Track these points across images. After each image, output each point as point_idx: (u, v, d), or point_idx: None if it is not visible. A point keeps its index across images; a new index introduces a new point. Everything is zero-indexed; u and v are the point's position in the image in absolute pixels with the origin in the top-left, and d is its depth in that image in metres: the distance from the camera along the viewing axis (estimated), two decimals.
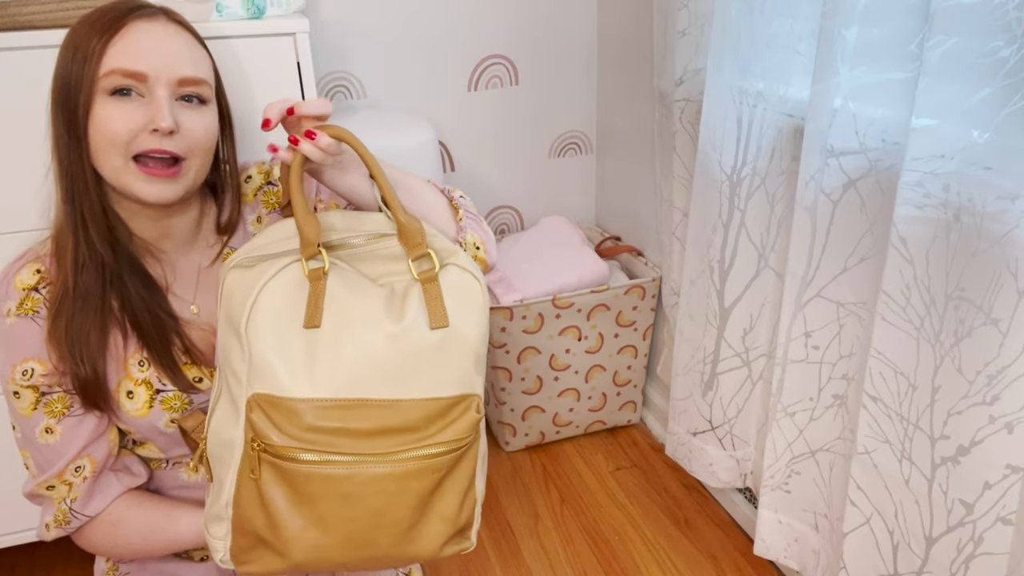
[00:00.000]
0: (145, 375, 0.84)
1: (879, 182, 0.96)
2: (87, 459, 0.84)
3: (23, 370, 0.80)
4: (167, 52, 0.77)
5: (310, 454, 0.68)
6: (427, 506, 0.73)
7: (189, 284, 0.88)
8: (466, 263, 0.76)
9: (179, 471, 0.92)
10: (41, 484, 0.84)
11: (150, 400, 0.84)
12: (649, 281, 1.64)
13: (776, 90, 1.12)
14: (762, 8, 1.10)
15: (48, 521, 0.86)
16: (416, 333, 0.71)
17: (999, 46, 0.75)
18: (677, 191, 1.43)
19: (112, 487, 0.87)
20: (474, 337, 0.73)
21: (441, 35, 1.70)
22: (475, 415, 0.73)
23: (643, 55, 1.62)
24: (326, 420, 0.68)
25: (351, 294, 0.71)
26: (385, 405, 0.70)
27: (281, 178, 0.93)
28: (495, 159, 1.87)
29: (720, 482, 1.43)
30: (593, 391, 1.73)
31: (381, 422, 0.69)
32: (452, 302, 0.73)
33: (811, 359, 1.12)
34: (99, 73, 0.74)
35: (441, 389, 0.72)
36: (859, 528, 1.03)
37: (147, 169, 0.76)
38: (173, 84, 0.77)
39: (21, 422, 0.83)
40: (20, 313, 0.80)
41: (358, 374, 0.69)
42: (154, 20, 0.78)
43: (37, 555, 1.49)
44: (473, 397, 0.74)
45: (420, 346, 0.70)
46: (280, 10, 1.13)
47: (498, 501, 1.61)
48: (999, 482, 0.84)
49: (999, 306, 0.80)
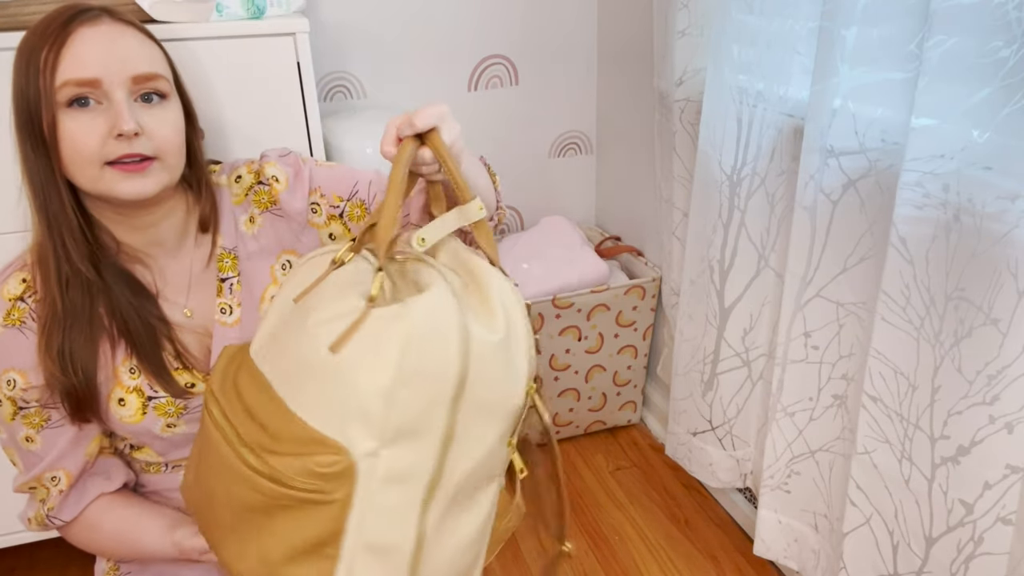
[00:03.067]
0: (136, 382, 0.84)
1: (879, 182, 0.96)
2: (62, 471, 0.85)
3: (7, 380, 0.80)
4: (116, 53, 0.75)
5: (215, 407, 0.69)
6: (249, 524, 0.64)
7: (181, 287, 0.88)
8: (421, 310, 0.62)
9: (179, 475, 0.91)
10: (25, 484, 0.86)
11: (143, 407, 0.84)
12: (649, 281, 1.64)
13: (776, 90, 1.12)
14: (762, 8, 1.10)
15: (30, 516, 0.89)
16: (314, 340, 0.62)
17: (999, 46, 0.75)
18: (677, 191, 1.43)
19: (87, 492, 0.88)
20: (358, 382, 0.60)
21: (441, 35, 1.70)
22: (315, 466, 0.60)
23: (643, 55, 1.62)
24: (239, 374, 0.69)
25: (331, 283, 0.66)
26: (274, 398, 0.64)
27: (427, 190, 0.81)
28: (495, 159, 1.87)
29: (720, 482, 1.43)
30: (593, 391, 1.73)
31: (260, 407, 0.64)
32: (366, 337, 0.61)
33: (811, 359, 1.12)
34: (54, 87, 0.73)
35: (313, 416, 0.61)
36: (859, 528, 1.03)
37: (121, 167, 0.75)
38: (128, 84, 0.75)
39: (5, 426, 0.84)
40: (7, 324, 0.80)
41: (276, 355, 0.66)
42: (98, 23, 0.76)
43: (37, 555, 1.49)
44: (336, 449, 0.60)
45: (314, 357, 0.61)
46: (280, 10, 1.13)
47: None
48: (999, 482, 0.84)
49: (999, 306, 0.80)
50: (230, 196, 0.91)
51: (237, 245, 0.90)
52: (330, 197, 0.92)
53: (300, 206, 0.91)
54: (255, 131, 1.12)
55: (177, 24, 1.04)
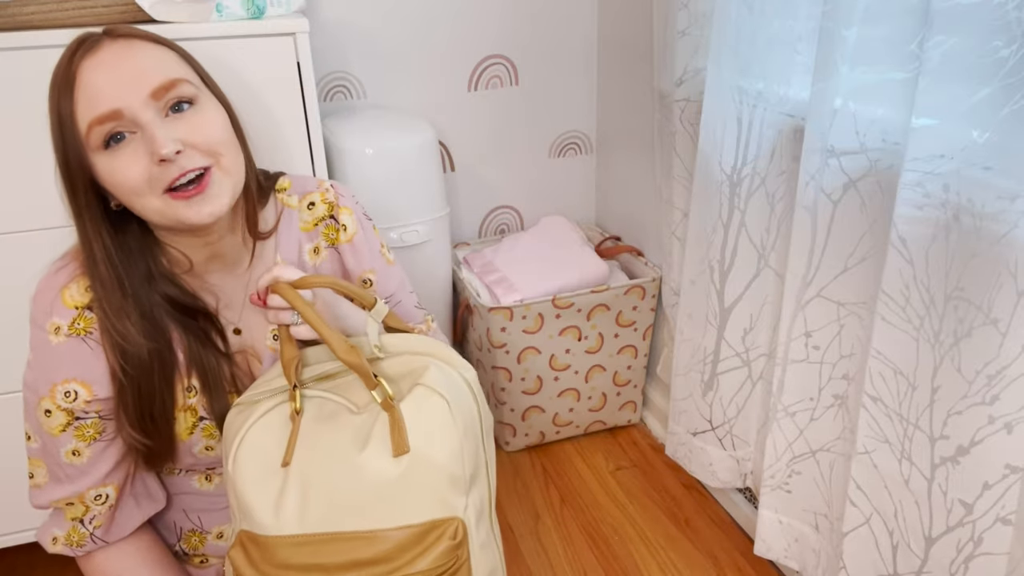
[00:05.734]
0: (192, 401, 0.82)
1: (879, 182, 0.96)
2: (112, 487, 0.82)
3: (65, 391, 0.77)
4: (125, 75, 0.69)
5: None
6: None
7: (235, 305, 0.86)
8: (435, 382, 0.73)
9: (192, 478, 0.91)
10: (61, 500, 0.81)
11: (192, 427, 0.82)
12: (649, 281, 1.64)
13: (776, 90, 1.12)
14: (762, 8, 1.10)
15: (58, 535, 0.83)
16: (377, 463, 0.69)
17: (999, 46, 0.75)
18: (677, 191, 1.43)
19: (133, 514, 0.85)
20: (441, 460, 0.70)
21: (441, 35, 1.70)
22: (449, 542, 0.69)
23: (643, 55, 1.62)
24: (298, 556, 0.67)
25: (324, 427, 0.71)
26: (356, 537, 0.68)
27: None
28: (495, 159, 1.87)
29: (720, 482, 1.43)
30: (593, 391, 1.73)
31: (353, 555, 0.68)
32: (416, 425, 0.70)
33: (811, 359, 1.12)
34: (81, 135, 0.69)
35: (411, 516, 0.69)
36: (859, 528, 1.03)
37: (182, 193, 0.71)
38: (149, 101, 0.70)
39: (45, 438, 0.79)
40: (72, 333, 0.76)
41: (327, 508, 0.68)
42: (99, 50, 0.71)
43: (37, 555, 1.49)
44: (450, 522, 0.70)
45: (383, 475, 0.68)
46: (280, 10, 1.13)
47: (498, 501, 1.61)
48: (999, 482, 0.84)
49: (999, 306, 0.80)
50: (299, 221, 0.88)
51: None
52: (376, 289, 0.93)
53: (353, 267, 0.91)
54: (255, 131, 1.11)
55: (177, 24, 1.04)
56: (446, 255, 1.62)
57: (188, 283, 0.82)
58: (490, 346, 1.59)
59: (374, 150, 1.46)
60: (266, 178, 0.90)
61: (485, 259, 1.74)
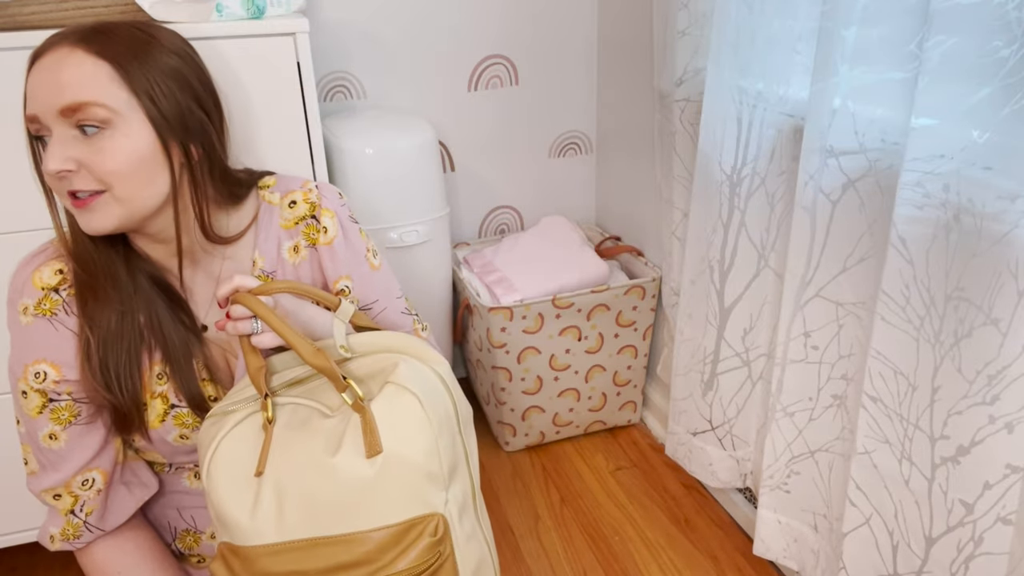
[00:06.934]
0: (163, 388, 0.83)
1: (879, 182, 0.96)
2: (97, 471, 0.83)
3: (35, 372, 0.79)
4: (52, 85, 0.70)
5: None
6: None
7: (205, 298, 0.87)
8: (406, 379, 0.72)
9: (182, 476, 0.91)
10: (47, 492, 0.82)
11: (163, 414, 0.83)
12: (649, 281, 1.64)
13: (776, 90, 1.12)
14: (762, 8, 1.10)
15: (54, 533, 0.83)
16: (351, 465, 0.69)
17: (999, 46, 0.75)
18: (677, 191, 1.43)
19: (126, 501, 0.86)
20: (416, 457, 0.70)
21: (441, 35, 1.70)
22: (430, 539, 0.69)
23: (643, 55, 1.62)
24: (279, 565, 0.68)
25: (296, 433, 0.71)
26: (336, 541, 0.68)
27: None
28: (495, 159, 1.87)
29: (720, 482, 1.43)
30: (593, 391, 1.73)
31: (334, 559, 0.68)
32: (389, 425, 0.70)
33: (811, 359, 1.12)
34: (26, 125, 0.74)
35: (390, 515, 0.69)
36: (859, 528, 1.03)
37: (76, 202, 0.73)
38: (57, 117, 0.70)
39: (26, 420, 0.81)
40: (38, 312, 0.78)
41: (304, 514, 0.68)
42: (48, 53, 0.71)
43: (38, 555, 1.49)
44: (430, 518, 0.70)
45: (358, 477, 0.68)
46: (280, 10, 1.13)
47: (498, 501, 1.61)
48: (999, 482, 0.84)
49: (999, 306, 0.80)
50: (279, 218, 0.88)
51: (276, 271, 0.88)
52: (354, 296, 0.93)
53: (329, 272, 0.91)
54: (255, 131, 1.12)
55: (177, 24, 1.04)
56: (446, 255, 1.62)
57: (158, 270, 0.84)
58: (490, 346, 1.59)
59: (374, 150, 1.46)
60: (249, 175, 0.90)
61: (485, 259, 1.74)
